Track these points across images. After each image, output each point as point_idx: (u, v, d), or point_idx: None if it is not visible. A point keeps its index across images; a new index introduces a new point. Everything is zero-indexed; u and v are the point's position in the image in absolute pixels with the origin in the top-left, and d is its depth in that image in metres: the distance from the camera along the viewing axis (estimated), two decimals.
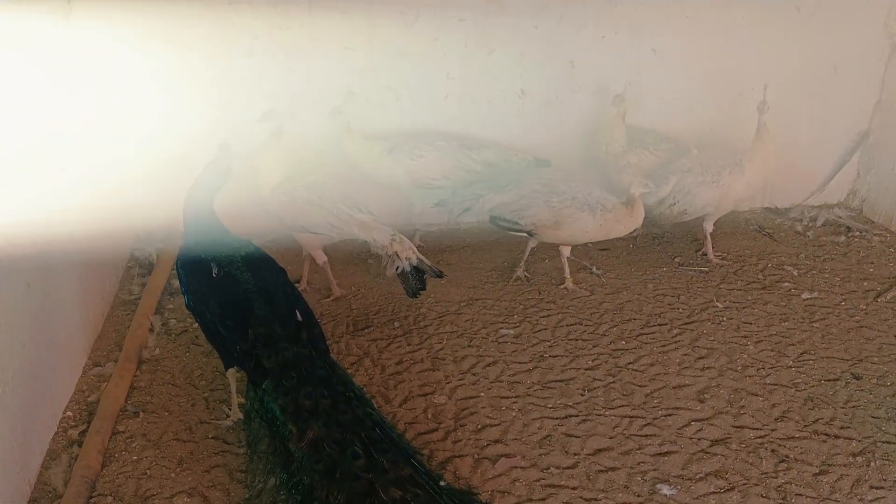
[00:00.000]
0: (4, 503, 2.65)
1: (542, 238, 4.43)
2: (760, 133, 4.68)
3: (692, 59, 5.20)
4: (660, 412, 3.46)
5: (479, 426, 3.34)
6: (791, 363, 3.85)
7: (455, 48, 4.89)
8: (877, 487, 3.04)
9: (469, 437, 3.26)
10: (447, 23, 4.83)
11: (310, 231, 4.13)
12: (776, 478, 3.08)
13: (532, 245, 4.58)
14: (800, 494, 3.00)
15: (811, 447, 3.25)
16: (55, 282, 3.39)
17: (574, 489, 3.00)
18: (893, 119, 5.47)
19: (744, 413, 3.46)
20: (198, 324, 3.31)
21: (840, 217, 5.55)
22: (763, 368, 3.80)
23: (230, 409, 3.34)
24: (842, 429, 3.37)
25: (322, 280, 4.47)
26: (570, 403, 3.51)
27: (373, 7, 4.71)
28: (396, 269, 3.94)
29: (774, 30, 5.20)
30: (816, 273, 4.79)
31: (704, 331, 4.12)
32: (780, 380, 3.70)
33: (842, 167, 5.72)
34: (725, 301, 4.43)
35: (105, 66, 4.32)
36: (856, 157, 5.71)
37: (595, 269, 4.76)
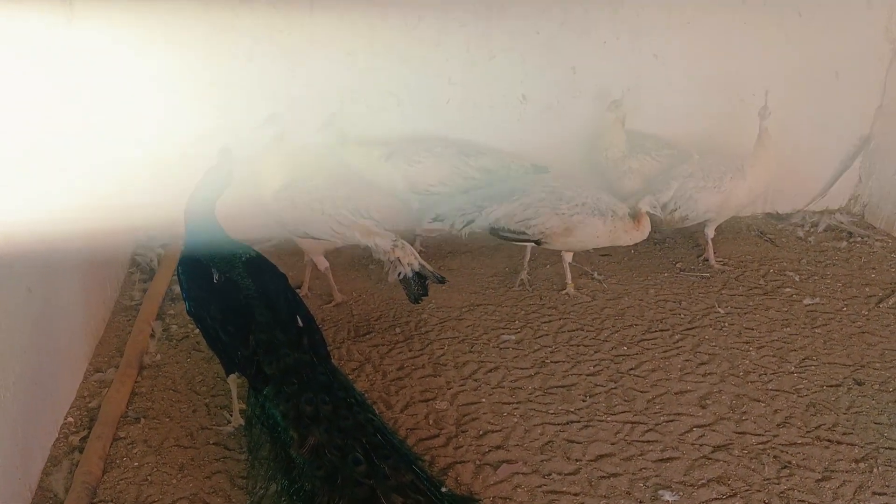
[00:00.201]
0: None
1: (551, 246, 4.40)
2: (762, 138, 4.67)
3: (694, 64, 5.20)
4: (662, 418, 3.45)
5: (481, 432, 3.33)
6: (793, 369, 3.84)
7: (457, 53, 4.90)
8: (879, 494, 3.03)
9: (470, 443, 3.26)
10: (449, 27, 4.84)
11: (312, 236, 4.13)
12: (778, 484, 3.07)
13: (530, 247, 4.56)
14: (802, 501, 2.99)
15: (813, 453, 3.24)
16: (56, 287, 3.39)
17: (576, 495, 3.00)
18: (895, 124, 5.46)
19: (746, 419, 3.45)
20: (199, 329, 3.30)
21: (842, 222, 5.54)
22: (765, 374, 3.79)
23: (231, 415, 3.34)
24: (844, 435, 3.36)
25: (323, 285, 4.47)
26: (572, 409, 3.50)
27: (374, 11, 4.71)
28: (399, 275, 3.94)
29: (776, 35, 5.20)
30: (818, 278, 4.79)
31: (706, 336, 4.12)
32: (782, 385, 3.70)
33: (843, 172, 5.71)
34: (727, 306, 4.42)
35: (106, 68, 4.33)
36: (857, 163, 5.70)
37: (596, 275, 4.75)
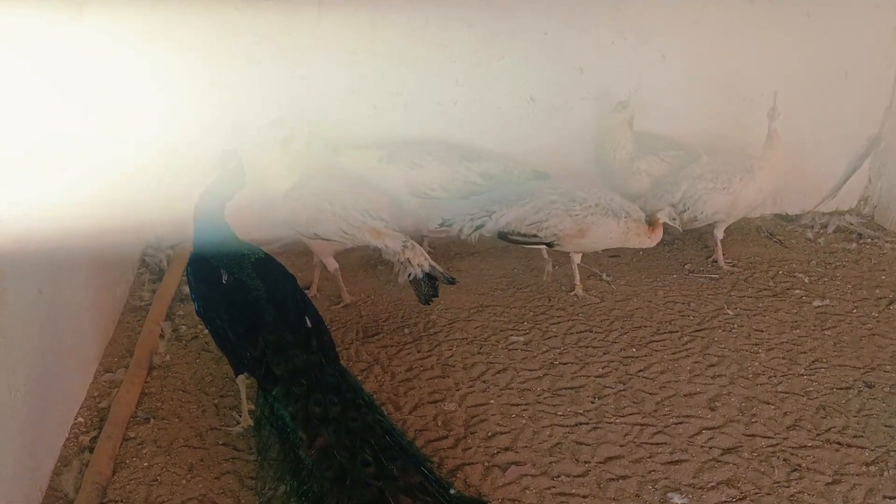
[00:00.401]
0: None
1: (563, 248, 4.39)
2: (771, 139, 4.66)
3: (702, 65, 5.18)
4: (671, 420, 3.44)
5: (490, 434, 3.33)
6: (803, 371, 3.82)
7: (463, 54, 4.90)
8: (890, 497, 3.00)
9: (479, 445, 3.25)
10: (456, 28, 4.84)
11: (322, 238, 4.13)
12: (788, 487, 3.05)
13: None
14: None
15: (823, 456, 3.22)
16: (66, 288, 3.40)
17: (585, 497, 2.99)
18: None
19: (755, 421, 3.44)
20: (208, 330, 3.32)
21: (851, 224, 5.51)
22: (774, 376, 3.77)
23: (240, 416, 3.34)
24: (854, 437, 3.34)
25: (332, 287, 4.47)
26: (581, 411, 3.50)
27: (380, 12, 4.71)
28: (409, 276, 3.95)
29: (784, 35, 5.18)
30: (828, 280, 4.76)
31: (715, 338, 4.10)
32: (792, 388, 3.68)
33: (853, 173, 5.68)
34: (736, 308, 4.40)
35: (111, 68, 4.32)
36: (867, 163, 5.67)
37: (605, 276, 4.74)
